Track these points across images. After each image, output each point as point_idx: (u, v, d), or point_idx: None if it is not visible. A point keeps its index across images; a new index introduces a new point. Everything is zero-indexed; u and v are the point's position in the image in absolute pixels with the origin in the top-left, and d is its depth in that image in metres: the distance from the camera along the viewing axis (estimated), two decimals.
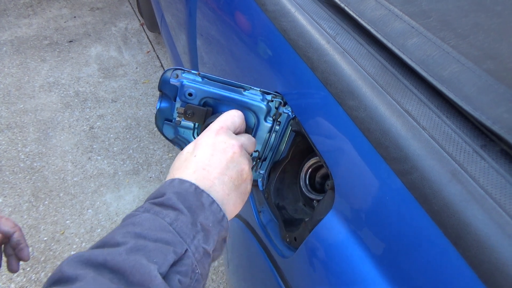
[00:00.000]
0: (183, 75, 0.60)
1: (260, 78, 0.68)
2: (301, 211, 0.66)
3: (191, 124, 0.65)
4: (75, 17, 2.97)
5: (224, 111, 0.62)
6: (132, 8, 3.11)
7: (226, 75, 0.86)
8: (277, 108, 0.62)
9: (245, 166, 0.49)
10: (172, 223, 0.39)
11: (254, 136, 0.65)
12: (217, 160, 0.47)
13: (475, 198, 0.31)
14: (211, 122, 0.60)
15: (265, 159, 0.69)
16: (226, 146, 0.49)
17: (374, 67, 0.45)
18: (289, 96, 0.60)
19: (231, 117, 0.54)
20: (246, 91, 0.61)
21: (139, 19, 2.96)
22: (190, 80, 0.60)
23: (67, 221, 1.67)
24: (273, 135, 0.65)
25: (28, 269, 1.50)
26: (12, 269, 0.68)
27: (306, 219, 0.56)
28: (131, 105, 2.24)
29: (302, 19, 0.56)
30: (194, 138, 0.67)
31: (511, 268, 0.27)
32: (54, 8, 3.06)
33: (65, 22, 2.90)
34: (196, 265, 0.39)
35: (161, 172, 1.88)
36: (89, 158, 1.93)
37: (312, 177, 0.67)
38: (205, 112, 0.61)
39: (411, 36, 0.45)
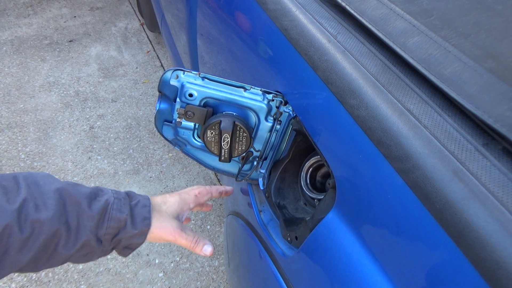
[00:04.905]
0: (183, 75, 0.60)
1: (260, 77, 0.68)
2: (302, 210, 0.66)
3: (191, 125, 0.65)
4: (75, 16, 2.97)
5: (225, 111, 0.62)
6: (132, 7, 3.11)
7: (226, 75, 0.86)
8: (278, 108, 0.62)
9: None
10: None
11: (254, 136, 0.65)
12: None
13: (477, 196, 0.31)
14: (211, 123, 0.60)
15: (265, 158, 0.69)
16: None
17: (375, 66, 0.45)
18: (290, 95, 0.60)
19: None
20: (247, 91, 0.61)
21: (139, 19, 2.96)
22: (191, 81, 0.59)
23: None
24: (274, 134, 0.65)
25: None
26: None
27: (307, 218, 0.56)
28: (131, 104, 2.23)
29: (303, 18, 0.56)
30: (194, 139, 0.67)
31: None
32: (54, 8, 3.05)
33: (65, 21, 2.90)
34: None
35: (161, 171, 1.88)
36: (89, 158, 1.93)
37: (313, 176, 0.67)
38: (206, 113, 0.61)
39: (413, 35, 0.45)
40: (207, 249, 0.59)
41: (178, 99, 0.61)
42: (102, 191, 0.55)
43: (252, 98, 0.61)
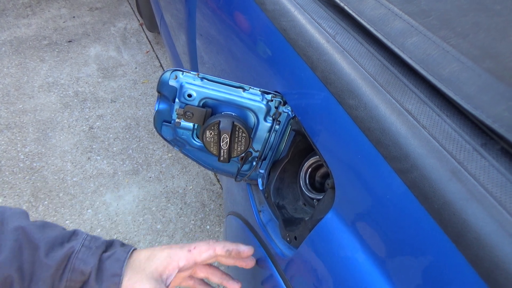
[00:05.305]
0: (182, 76, 0.60)
1: (259, 77, 0.68)
2: (301, 210, 0.67)
3: (190, 125, 0.65)
4: (74, 17, 2.97)
5: (224, 112, 0.62)
6: (131, 8, 3.11)
7: (225, 75, 0.86)
8: (276, 108, 0.62)
9: None
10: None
11: (254, 136, 0.65)
12: None
13: (475, 196, 0.31)
14: (210, 123, 0.60)
15: (265, 159, 0.69)
16: None
17: (373, 66, 0.45)
18: (288, 95, 0.60)
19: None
20: (246, 91, 0.61)
21: (138, 19, 2.96)
22: (189, 81, 0.59)
23: (67, 221, 1.67)
24: (273, 134, 0.65)
25: None
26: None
27: (306, 218, 0.56)
28: (130, 105, 2.23)
29: (301, 19, 0.56)
30: (193, 139, 0.67)
31: (511, 266, 0.27)
32: (53, 8, 3.05)
33: (64, 22, 2.90)
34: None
35: (160, 172, 1.88)
36: (89, 158, 1.93)
37: (312, 176, 0.67)
38: (205, 113, 0.61)
39: (411, 35, 0.45)
40: None
41: (177, 100, 0.61)
42: (77, 235, 0.49)
43: (251, 98, 0.61)
